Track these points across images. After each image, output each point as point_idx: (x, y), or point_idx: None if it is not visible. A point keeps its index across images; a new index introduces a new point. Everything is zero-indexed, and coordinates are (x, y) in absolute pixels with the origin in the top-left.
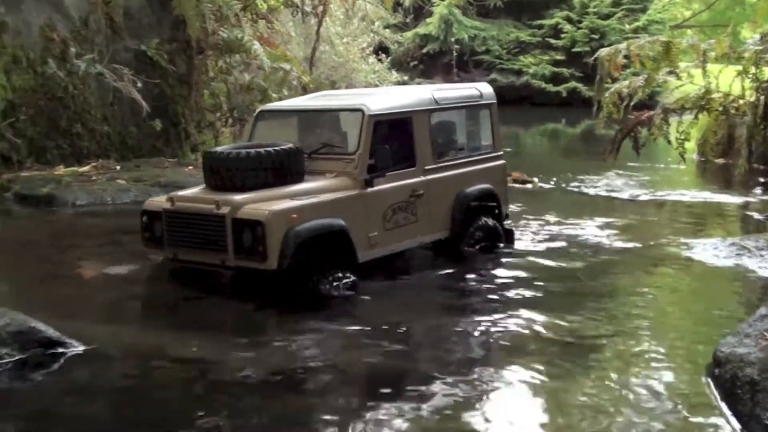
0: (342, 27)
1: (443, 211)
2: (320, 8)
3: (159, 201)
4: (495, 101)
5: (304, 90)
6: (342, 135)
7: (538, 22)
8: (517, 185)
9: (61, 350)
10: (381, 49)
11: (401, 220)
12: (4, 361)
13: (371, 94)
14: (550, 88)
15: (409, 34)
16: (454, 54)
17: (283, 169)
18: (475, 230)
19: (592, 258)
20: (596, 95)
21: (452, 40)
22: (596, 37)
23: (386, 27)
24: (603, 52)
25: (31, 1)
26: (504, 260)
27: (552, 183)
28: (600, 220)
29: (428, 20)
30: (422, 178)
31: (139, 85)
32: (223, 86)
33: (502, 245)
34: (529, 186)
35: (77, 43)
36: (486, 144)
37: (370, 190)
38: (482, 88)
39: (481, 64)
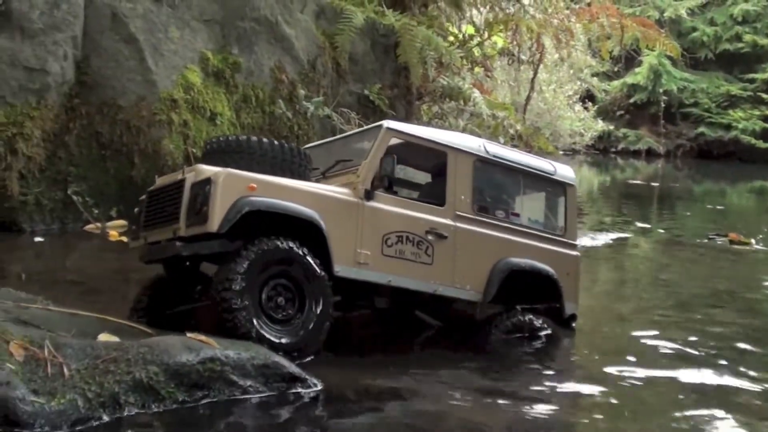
0: (549, 74)
1: (476, 270)
2: (537, 56)
3: None
4: (574, 185)
5: (520, 138)
6: (360, 153)
7: (750, 75)
8: (734, 246)
9: (300, 388)
10: (587, 97)
11: (408, 253)
12: (250, 395)
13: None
14: (760, 144)
15: (616, 83)
16: (662, 105)
17: (277, 161)
18: (508, 320)
19: None
20: None
21: (660, 91)
22: None
23: (594, 75)
24: None
25: (263, 44)
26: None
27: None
28: None
29: (637, 70)
30: (449, 222)
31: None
32: None
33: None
34: (746, 248)
35: (304, 85)
36: (555, 225)
37: (369, 203)
38: (559, 167)
39: (689, 116)
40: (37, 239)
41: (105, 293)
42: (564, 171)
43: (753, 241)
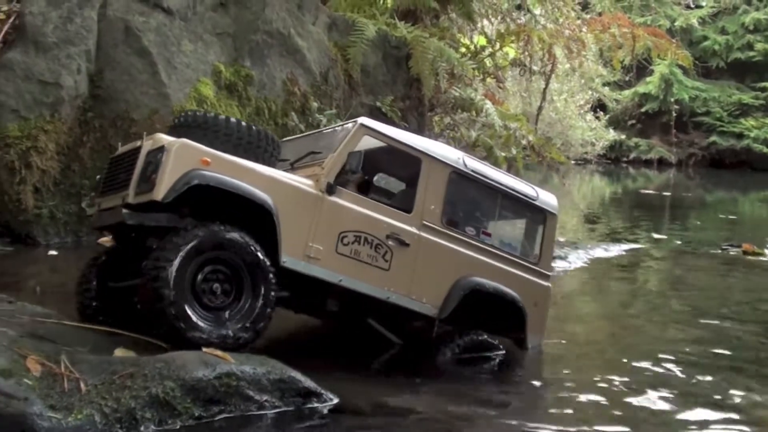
0: (560, 83)
1: (435, 284)
2: (548, 67)
3: None
4: (555, 214)
5: (532, 148)
6: (331, 148)
7: (762, 84)
8: (747, 257)
9: (316, 402)
10: (599, 107)
11: (364, 255)
12: (266, 410)
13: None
14: None
15: (628, 92)
16: (674, 114)
17: (242, 143)
18: (461, 339)
19: None
20: None
21: (672, 100)
22: None
23: (605, 84)
24: None
25: (276, 57)
26: None
27: None
28: None
29: (648, 79)
30: (413, 230)
31: None
32: (451, 142)
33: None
34: (760, 258)
35: (317, 97)
36: (529, 252)
37: (329, 198)
38: (542, 194)
39: (701, 126)
40: (52, 252)
41: None
42: (547, 198)
43: (767, 251)
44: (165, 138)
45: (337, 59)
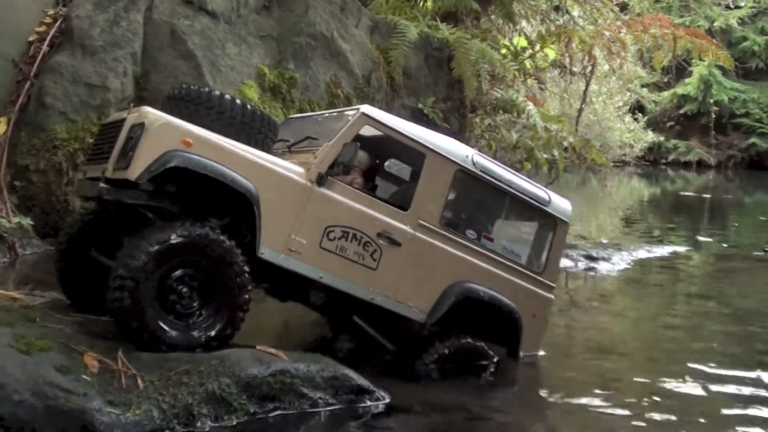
0: (598, 85)
1: (425, 288)
2: (588, 68)
3: None
4: (567, 222)
5: (573, 150)
6: (331, 134)
7: None
8: None
9: (369, 400)
10: (637, 108)
11: (350, 253)
12: (320, 407)
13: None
14: None
15: (666, 93)
16: (713, 116)
17: (235, 122)
18: (444, 346)
19: None
20: None
21: (711, 101)
22: None
23: (644, 86)
24: None
25: (319, 59)
26: None
27: None
28: None
29: (687, 80)
30: (407, 229)
31: None
32: (492, 144)
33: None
34: None
35: (360, 99)
36: (534, 260)
37: (318, 189)
38: (555, 199)
39: (740, 127)
40: None
41: None
42: (560, 204)
43: None
44: (149, 113)
45: (379, 62)
